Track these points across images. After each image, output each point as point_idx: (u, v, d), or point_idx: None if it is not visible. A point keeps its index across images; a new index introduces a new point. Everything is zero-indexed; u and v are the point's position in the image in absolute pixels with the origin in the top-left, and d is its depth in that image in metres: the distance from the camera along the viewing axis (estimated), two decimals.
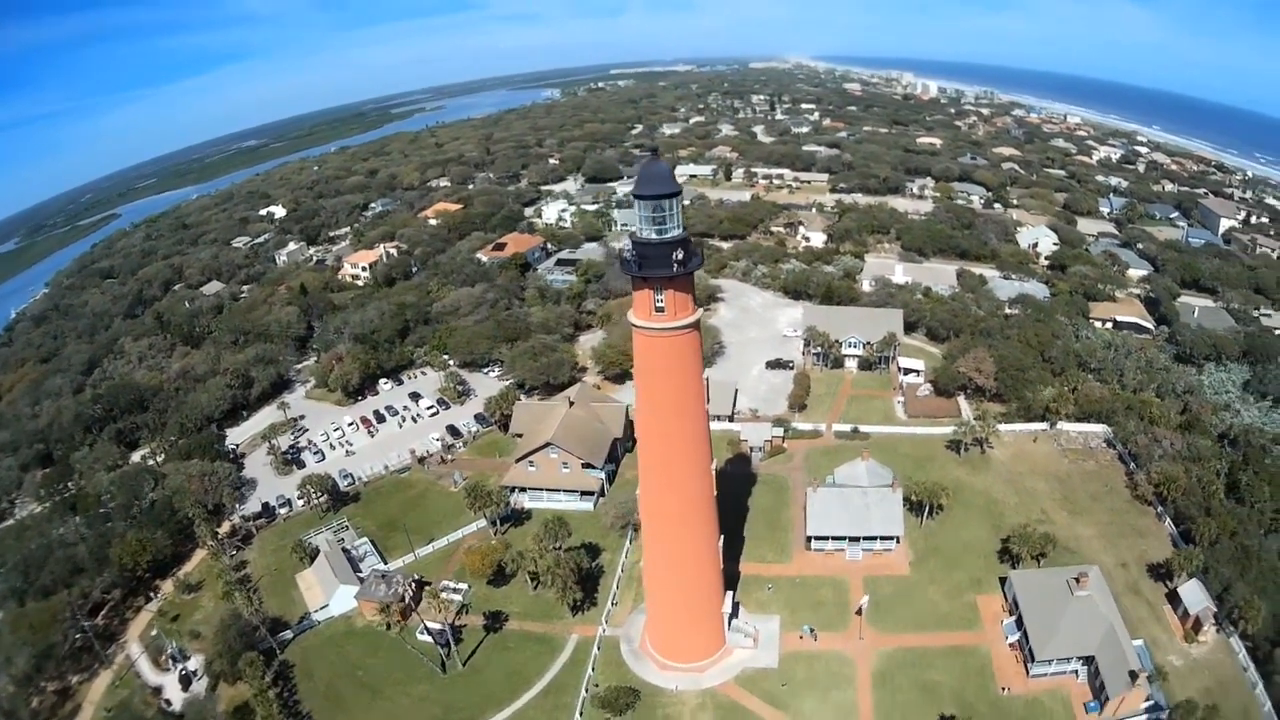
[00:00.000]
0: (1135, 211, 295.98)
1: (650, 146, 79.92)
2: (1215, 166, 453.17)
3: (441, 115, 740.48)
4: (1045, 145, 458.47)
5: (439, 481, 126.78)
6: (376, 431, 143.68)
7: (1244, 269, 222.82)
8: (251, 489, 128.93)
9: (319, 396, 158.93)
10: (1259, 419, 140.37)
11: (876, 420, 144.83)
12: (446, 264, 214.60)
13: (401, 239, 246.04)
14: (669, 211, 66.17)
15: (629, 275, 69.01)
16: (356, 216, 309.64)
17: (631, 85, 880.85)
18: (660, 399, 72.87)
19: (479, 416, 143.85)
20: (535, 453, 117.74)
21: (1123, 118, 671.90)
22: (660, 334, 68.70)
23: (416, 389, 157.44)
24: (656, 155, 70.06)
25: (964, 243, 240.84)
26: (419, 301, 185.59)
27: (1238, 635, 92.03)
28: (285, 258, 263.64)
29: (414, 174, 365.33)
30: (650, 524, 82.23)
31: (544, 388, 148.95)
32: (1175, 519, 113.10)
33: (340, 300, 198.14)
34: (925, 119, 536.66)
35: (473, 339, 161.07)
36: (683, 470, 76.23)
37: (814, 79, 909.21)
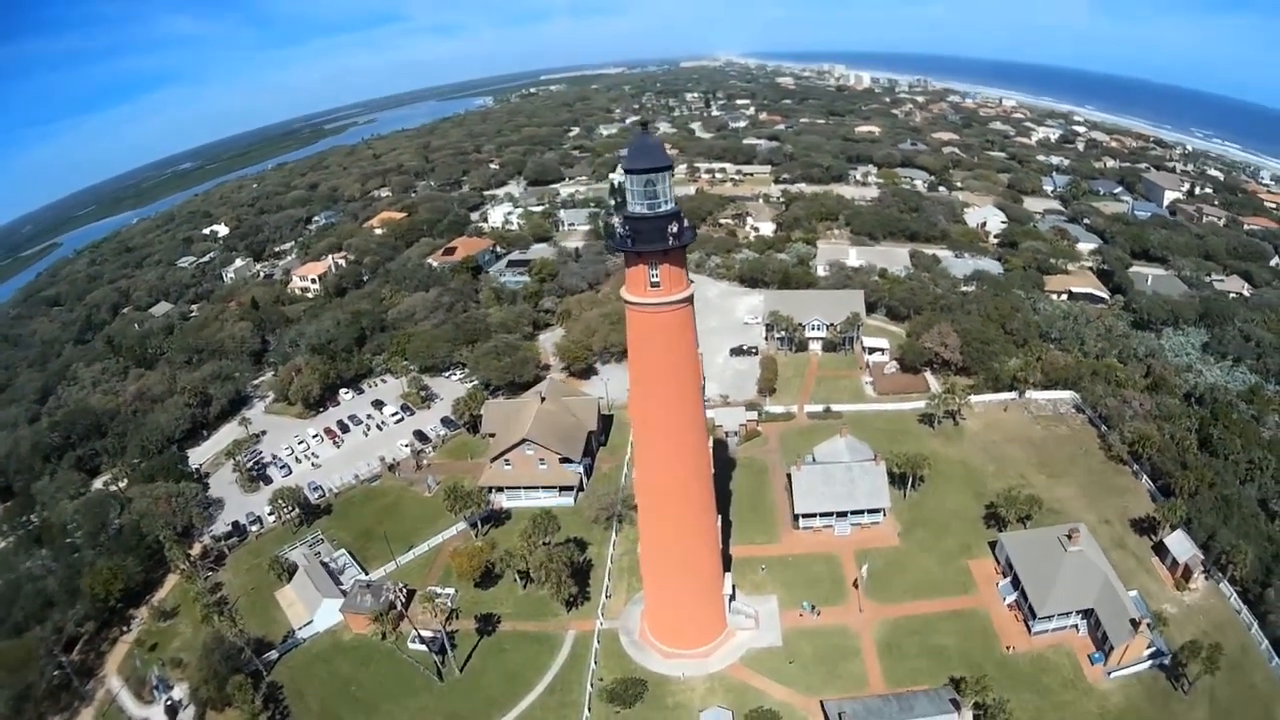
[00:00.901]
0: (1079, 188, 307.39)
1: (641, 120, 79.73)
2: (1154, 142, 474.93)
3: (375, 128, 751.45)
4: (984, 129, 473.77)
5: (412, 487, 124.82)
6: (342, 442, 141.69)
7: (1192, 237, 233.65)
8: (219, 508, 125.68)
9: (280, 410, 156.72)
10: (1222, 378, 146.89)
11: (846, 399, 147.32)
12: (397, 271, 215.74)
13: (349, 249, 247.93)
14: (661, 185, 65.85)
15: (622, 251, 68.58)
16: (301, 230, 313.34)
17: (563, 89, 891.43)
18: (657, 376, 72.42)
19: (446, 420, 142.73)
20: (511, 450, 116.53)
21: (1057, 99, 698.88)
22: (656, 309, 68.17)
23: (379, 397, 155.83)
24: (647, 129, 70.04)
25: (913, 225, 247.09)
26: (374, 309, 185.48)
27: (1226, 580, 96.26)
28: (233, 274, 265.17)
29: (355, 186, 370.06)
30: (648, 506, 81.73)
31: (509, 387, 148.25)
32: (1152, 475, 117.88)
33: (293, 313, 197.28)
34: (861, 109, 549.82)
35: (432, 343, 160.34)
36: (681, 447, 75.97)
37: (746, 75, 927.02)
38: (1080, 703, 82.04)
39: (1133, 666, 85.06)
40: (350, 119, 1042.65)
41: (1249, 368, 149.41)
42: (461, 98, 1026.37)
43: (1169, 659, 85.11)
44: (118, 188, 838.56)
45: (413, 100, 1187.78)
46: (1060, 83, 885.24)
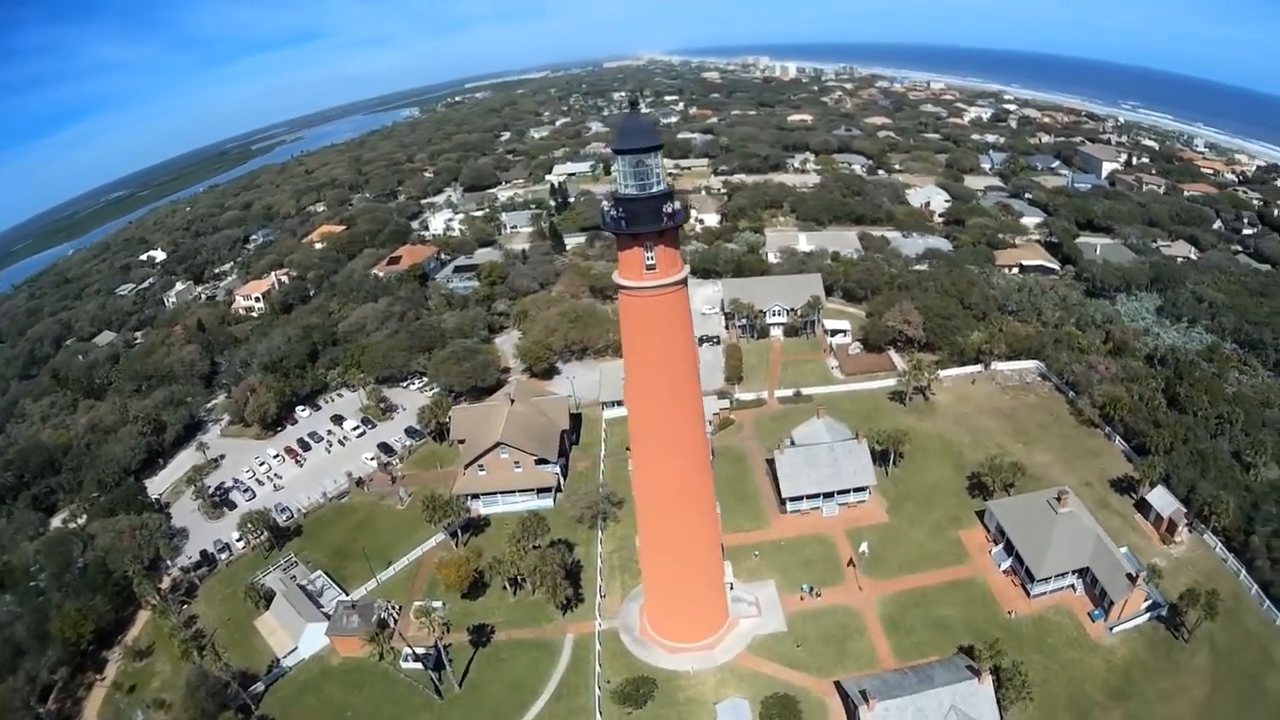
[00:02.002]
0: (1017, 164, 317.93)
1: (630, 100, 78.34)
2: (1086, 116, 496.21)
3: (304, 145, 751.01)
4: (916, 111, 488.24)
5: (383, 501, 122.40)
6: (304, 460, 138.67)
7: (1135, 206, 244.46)
8: (184, 538, 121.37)
9: (236, 433, 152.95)
10: (1179, 339, 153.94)
11: (814, 382, 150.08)
12: (343, 283, 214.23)
13: (291, 265, 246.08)
14: (652, 165, 65.43)
15: (617, 234, 67.84)
16: (239, 249, 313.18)
17: (489, 96, 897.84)
18: (656, 362, 71.77)
19: (410, 430, 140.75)
20: (485, 455, 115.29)
21: (985, 79, 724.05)
22: (654, 292, 67.64)
23: (337, 411, 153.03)
24: (636, 109, 69.37)
25: (858, 208, 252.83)
26: (323, 323, 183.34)
27: (1210, 531, 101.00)
28: (174, 299, 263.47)
29: (289, 202, 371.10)
30: (648, 499, 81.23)
31: (471, 392, 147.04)
32: (1125, 436, 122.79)
33: (240, 332, 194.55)
34: (790, 98, 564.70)
35: (388, 353, 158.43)
36: (681, 436, 75.63)
37: (671, 72, 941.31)
38: (1086, 660, 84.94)
39: (1132, 620, 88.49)
40: (278, 137, 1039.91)
41: (1205, 328, 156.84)
42: (387, 110, 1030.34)
43: (1166, 610, 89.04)
44: (52, 220, 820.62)
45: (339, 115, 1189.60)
46: (987, 63, 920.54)
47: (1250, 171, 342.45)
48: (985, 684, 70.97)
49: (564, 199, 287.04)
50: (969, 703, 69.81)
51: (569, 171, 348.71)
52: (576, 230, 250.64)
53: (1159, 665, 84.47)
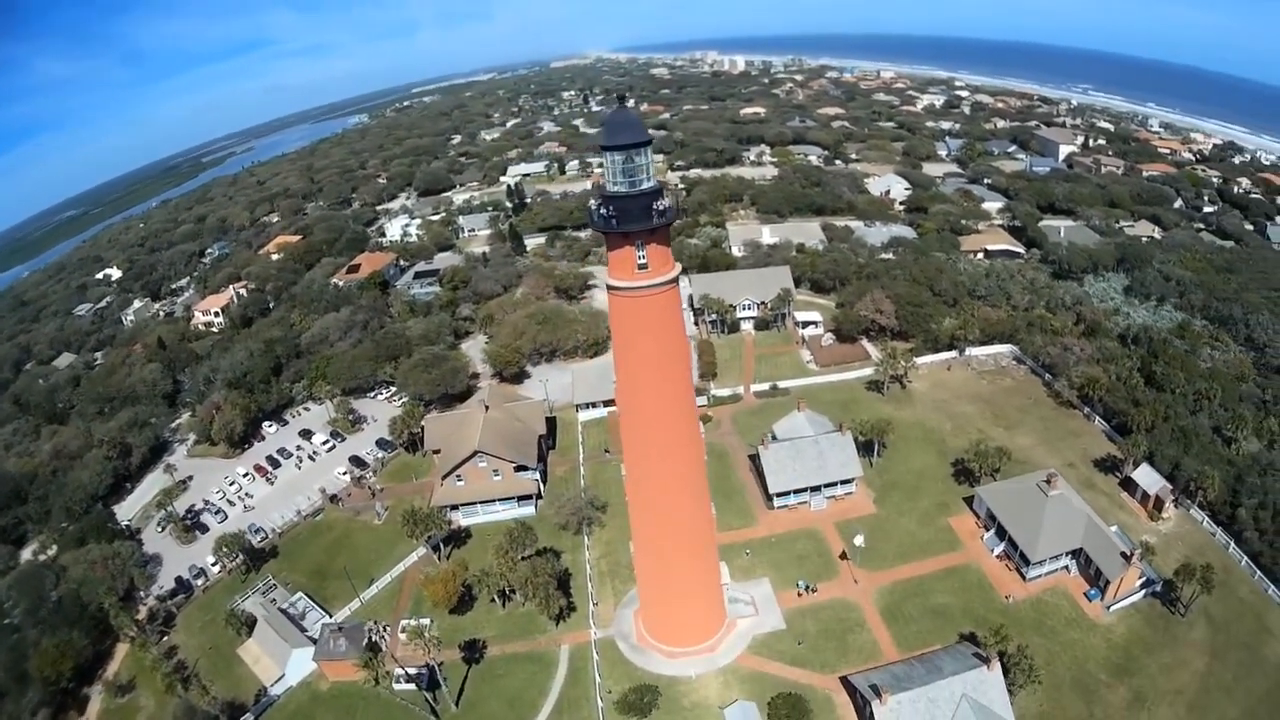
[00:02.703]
0: (974, 150, 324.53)
1: (618, 94, 76.60)
2: (1039, 99, 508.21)
3: (254, 155, 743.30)
4: (869, 101, 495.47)
5: (359, 517, 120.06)
6: (275, 478, 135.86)
7: (1095, 188, 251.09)
8: (158, 565, 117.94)
9: (202, 452, 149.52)
10: (1150, 318, 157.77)
11: (790, 375, 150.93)
12: (303, 294, 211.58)
13: (249, 278, 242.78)
14: (641, 161, 64.41)
15: (605, 233, 66.57)
16: (195, 264, 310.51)
17: (438, 100, 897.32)
18: (648, 363, 70.68)
19: (382, 441, 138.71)
20: (463, 465, 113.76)
21: (935, 67, 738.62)
22: (646, 292, 66.42)
23: (305, 425, 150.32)
24: (624, 102, 67.65)
25: (819, 199, 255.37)
26: (285, 336, 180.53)
27: (1196, 506, 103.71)
28: (132, 317, 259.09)
29: (243, 214, 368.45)
30: (642, 503, 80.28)
31: (441, 400, 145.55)
32: (1104, 416, 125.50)
33: (201, 349, 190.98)
34: (741, 91, 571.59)
35: (353, 363, 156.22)
36: (676, 437, 74.85)
37: (619, 70, 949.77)
38: (1086, 640, 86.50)
39: (1128, 598, 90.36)
40: (227, 149, 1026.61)
41: (1174, 306, 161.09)
42: (336, 118, 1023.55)
43: (1160, 586, 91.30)
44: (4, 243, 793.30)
45: (287, 125, 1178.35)
46: (937, 51, 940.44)
47: (1207, 150, 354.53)
48: (994, 670, 71.79)
49: (521, 200, 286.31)
50: (980, 690, 70.50)
51: (524, 172, 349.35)
52: (536, 231, 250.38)
53: (1158, 640, 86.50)
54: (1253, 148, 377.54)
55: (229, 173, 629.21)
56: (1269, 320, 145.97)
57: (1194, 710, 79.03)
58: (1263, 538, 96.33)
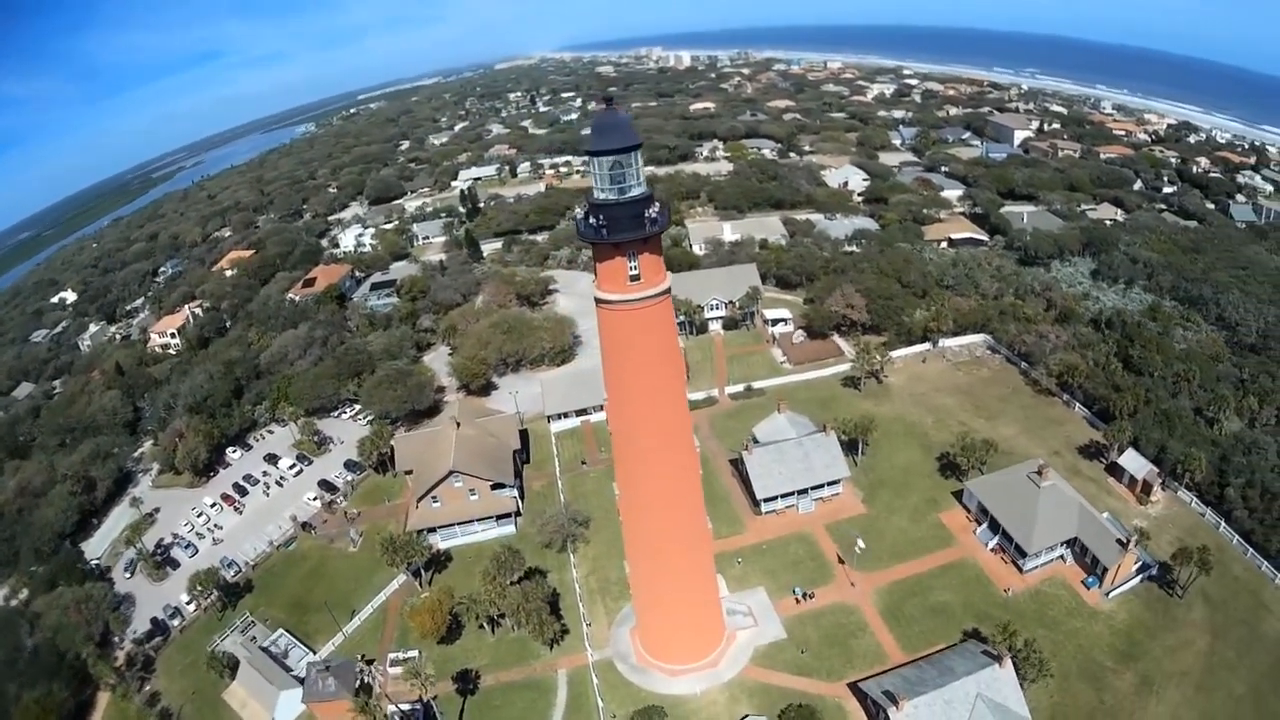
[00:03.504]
0: (929, 139, 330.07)
1: (605, 96, 73.73)
2: (990, 85, 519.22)
3: (204, 169, 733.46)
4: (818, 92, 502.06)
5: (333, 544, 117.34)
6: (243, 507, 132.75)
7: (1054, 172, 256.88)
8: (131, 606, 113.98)
9: (168, 482, 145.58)
10: (1119, 301, 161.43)
11: (764, 375, 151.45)
12: (260, 311, 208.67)
13: (203, 296, 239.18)
14: (630, 167, 62.03)
15: (594, 243, 64.24)
16: (148, 283, 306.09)
17: (384, 106, 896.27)
18: (642, 378, 69.23)
19: (350, 463, 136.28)
20: (438, 486, 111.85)
21: (882, 56, 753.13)
22: (640, 305, 64.44)
23: (270, 450, 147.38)
24: (611, 104, 64.75)
25: (776, 193, 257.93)
26: (244, 356, 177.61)
27: (1183, 488, 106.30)
28: (89, 341, 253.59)
29: (195, 230, 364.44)
30: (638, 521, 79.23)
31: (408, 417, 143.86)
32: (1084, 402, 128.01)
33: (159, 373, 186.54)
34: (689, 87, 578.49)
35: (315, 382, 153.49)
36: (672, 453, 73.81)
37: (565, 69, 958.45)
38: (1089, 628, 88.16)
39: (1126, 584, 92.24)
40: (177, 164, 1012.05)
41: (1142, 288, 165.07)
42: (284, 127, 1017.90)
43: (1156, 569, 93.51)
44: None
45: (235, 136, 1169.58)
46: (883, 39, 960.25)
47: (1162, 130, 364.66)
48: (1006, 667, 72.34)
49: (475, 205, 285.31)
50: (994, 688, 71.02)
51: (475, 176, 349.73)
52: (491, 236, 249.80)
53: (1159, 623, 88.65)
54: (1207, 126, 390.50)
55: (179, 187, 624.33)
56: (1239, 299, 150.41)
57: (1201, 690, 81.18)
58: (1252, 515, 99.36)
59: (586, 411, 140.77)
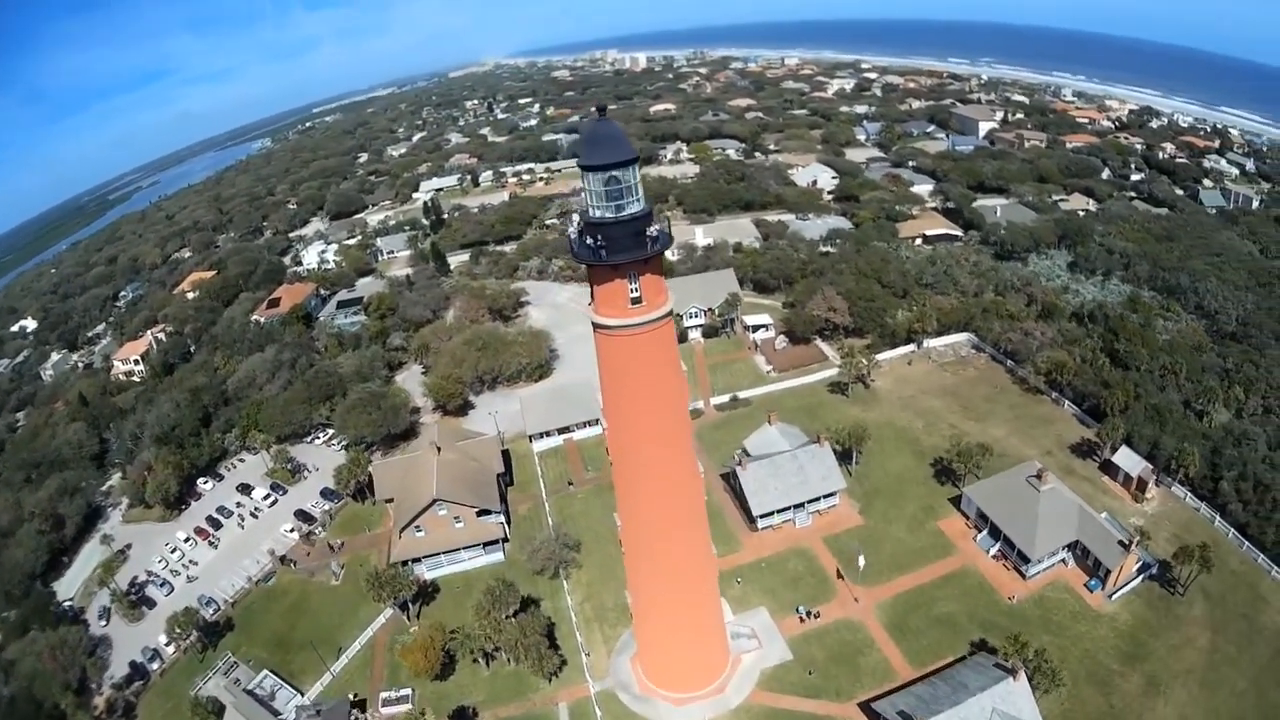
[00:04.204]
0: (893, 133, 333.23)
1: (598, 105, 69.36)
2: (949, 77, 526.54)
3: (161, 189, 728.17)
4: (778, 90, 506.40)
5: (314, 578, 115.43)
6: (218, 541, 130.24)
7: (1022, 164, 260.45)
8: (108, 649, 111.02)
9: (138, 516, 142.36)
10: (1098, 293, 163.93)
11: (748, 383, 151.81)
12: (224, 335, 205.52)
13: (166, 320, 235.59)
14: (628, 182, 58.56)
15: (594, 265, 60.76)
16: (109, 309, 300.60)
17: (340, 118, 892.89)
18: (645, 405, 66.32)
19: (327, 492, 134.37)
20: (421, 515, 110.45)
21: (838, 50, 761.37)
22: (642, 330, 61.52)
23: (243, 479, 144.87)
24: (604, 114, 61.85)
25: (745, 194, 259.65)
26: (211, 382, 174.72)
27: (1177, 483, 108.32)
28: (51, 371, 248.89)
29: (154, 252, 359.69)
30: (641, 550, 78.38)
31: (384, 441, 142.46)
32: (1073, 399, 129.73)
33: (124, 402, 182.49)
34: (647, 89, 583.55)
35: (286, 408, 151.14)
36: (676, 482, 72.31)
37: (520, 75, 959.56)
38: (1095, 631, 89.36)
39: (1128, 585, 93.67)
40: (133, 184, 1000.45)
41: (1120, 279, 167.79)
42: (239, 144, 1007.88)
43: (1156, 568, 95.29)
44: None
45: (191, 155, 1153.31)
46: (838, 34, 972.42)
47: (1124, 116, 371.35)
48: (1020, 681, 72.85)
49: (439, 216, 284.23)
50: (1009, 702, 71.49)
51: (437, 187, 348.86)
52: (458, 248, 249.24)
53: (1162, 622, 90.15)
54: (1168, 110, 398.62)
55: (137, 208, 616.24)
56: (1217, 287, 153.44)
57: (1206, 687, 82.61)
58: (1246, 508, 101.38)
59: (569, 429, 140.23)
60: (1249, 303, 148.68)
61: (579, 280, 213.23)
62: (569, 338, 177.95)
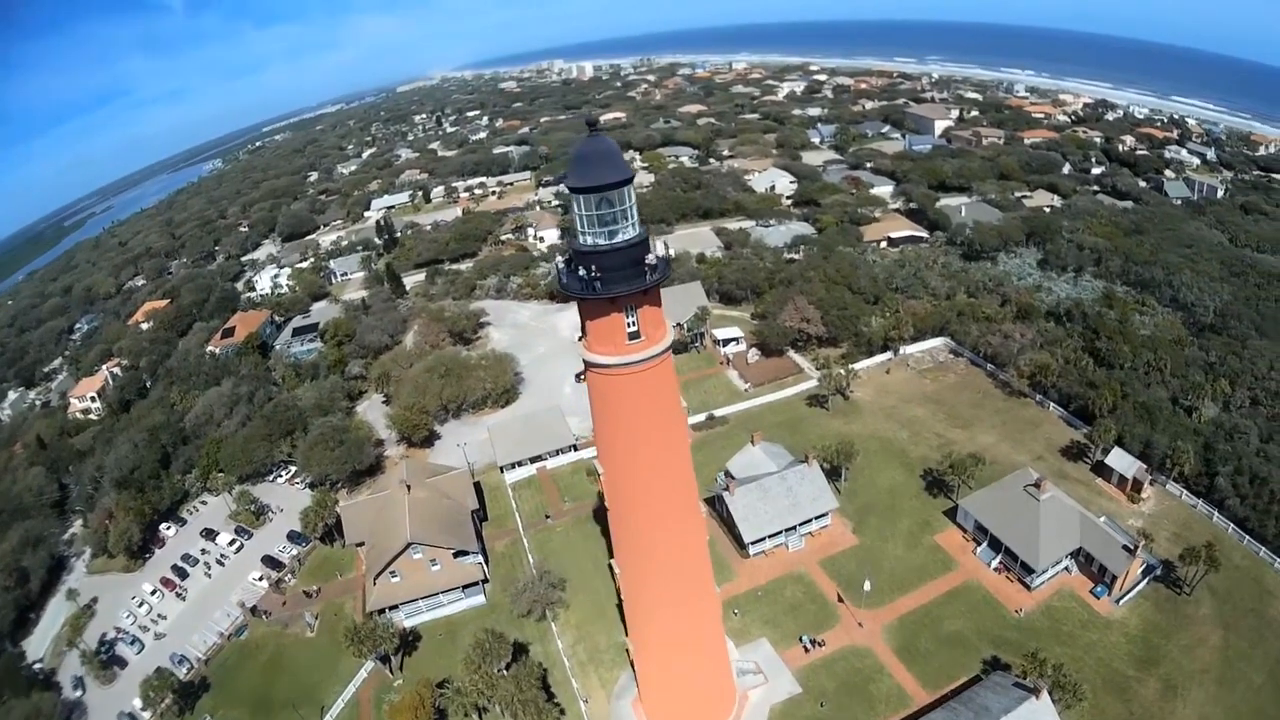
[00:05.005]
0: (849, 135, 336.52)
1: (589, 120, 57.52)
2: (900, 76, 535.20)
3: (114, 214, 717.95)
4: (729, 94, 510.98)
5: (288, 630, 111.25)
6: (185, 592, 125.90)
7: (982, 161, 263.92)
8: (82, 714, 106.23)
9: (102, 567, 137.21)
10: (1071, 291, 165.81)
11: (723, 400, 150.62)
12: (179, 368, 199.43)
13: (121, 354, 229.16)
14: (622, 205, 54.32)
15: (585, 299, 56.41)
16: (65, 342, 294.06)
17: (290, 137, 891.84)
18: (645, 449, 62.56)
19: (294, 535, 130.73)
20: (395, 559, 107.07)
21: (785, 53, 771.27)
22: (642, 367, 57.53)
23: (206, 524, 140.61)
24: (596, 129, 55.31)
25: (702, 202, 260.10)
26: (169, 420, 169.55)
27: (1171, 481, 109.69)
28: (8, 411, 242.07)
29: (108, 281, 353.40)
30: (643, 598, 75.55)
31: (350, 479, 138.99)
32: (1060, 401, 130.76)
33: (83, 443, 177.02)
34: (595, 98, 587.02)
35: (246, 445, 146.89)
36: (679, 522, 69.43)
37: (467, 88, 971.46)
38: (1106, 638, 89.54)
39: (1134, 589, 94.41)
40: (88, 210, 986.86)
41: (1092, 275, 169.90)
42: (192, 165, 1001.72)
43: (1160, 569, 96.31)
44: None
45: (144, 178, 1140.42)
46: (786, 36, 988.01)
47: (1080, 110, 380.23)
48: (1044, 700, 72.09)
49: (392, 235, 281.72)
50: None
51: (388, 204, 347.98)
52: (412, 268, 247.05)
53: (1172, 624, 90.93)
54: (1123, 103, 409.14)
55: (91, 235, 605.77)
56: (1191, 279, 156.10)
57: (1223, 685, 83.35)
58: (1244, 503, 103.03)
59: (541, 458, 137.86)
60: (1225, 294, 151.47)
61: (539, 298, 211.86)
62: (533, 359, 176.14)
